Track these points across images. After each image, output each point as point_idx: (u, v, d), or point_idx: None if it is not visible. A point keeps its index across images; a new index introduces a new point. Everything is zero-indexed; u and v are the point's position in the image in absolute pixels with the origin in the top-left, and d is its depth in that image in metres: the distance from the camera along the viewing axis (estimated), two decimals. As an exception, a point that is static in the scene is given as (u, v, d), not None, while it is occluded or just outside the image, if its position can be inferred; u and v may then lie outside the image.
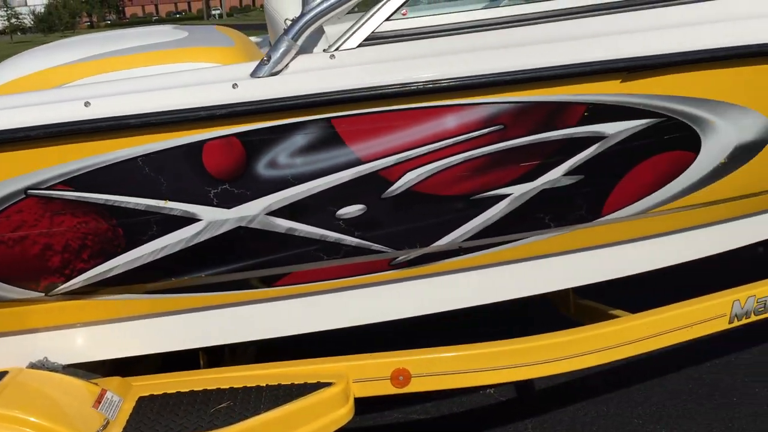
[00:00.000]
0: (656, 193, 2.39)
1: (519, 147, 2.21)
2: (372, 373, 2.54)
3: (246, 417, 2.26)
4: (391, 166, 2.16)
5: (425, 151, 2.17)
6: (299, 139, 2.09)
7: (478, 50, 2.16)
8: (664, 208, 2.43)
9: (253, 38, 3.25)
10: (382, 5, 2.18)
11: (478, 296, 2.50)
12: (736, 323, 2.88)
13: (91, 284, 2.19)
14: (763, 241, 3.12)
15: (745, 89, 2.28)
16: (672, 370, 3.45)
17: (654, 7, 2.25)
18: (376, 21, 2.18)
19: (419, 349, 2.57)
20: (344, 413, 2.40)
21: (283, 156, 2.10)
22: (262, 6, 3.76)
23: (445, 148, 2.17)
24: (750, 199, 2.56)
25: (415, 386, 2.57)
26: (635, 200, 2.39)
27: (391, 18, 2.19)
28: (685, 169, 2.36)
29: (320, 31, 2.24)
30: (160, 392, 2.40)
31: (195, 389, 2.41)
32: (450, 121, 2.15)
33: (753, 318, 2.91)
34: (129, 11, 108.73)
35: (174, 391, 2.41)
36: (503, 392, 3.34)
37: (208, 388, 2.41)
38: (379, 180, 2.17)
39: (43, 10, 72.49)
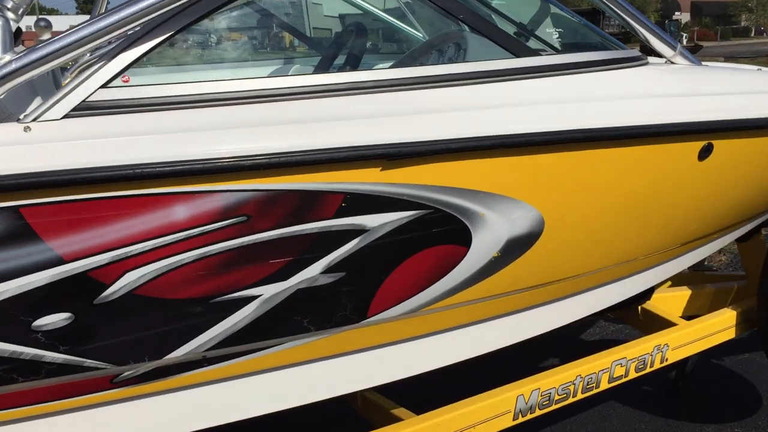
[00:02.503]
0: (428, 289, 2.14)
1: (267, 242, 1.87)
2: None
3: None
4: (105, 265, 1.74)
5: (149, 247, 1.77)
6: None
7: (214, 128, 1.81)
8: (439, 305, 2.18)
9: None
10: (97, 69, 1.78)
11: (230, 412, 2.11)
12: (520, 419, 2.70)
13: None
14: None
15: (513, 180, 2.10)
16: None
17: (421, 89, 2.02)
18: (88, 87, 1.77)
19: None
20: None
21: None
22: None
23: (174, 243, 1.79)
24: (533, 291, 2.38)
25: None
26: (406, 298, 2.12)
27: (108, 85, 1.79)
28: (457, 264, 2.13)
29: (30, 95, 1.81)
30: None
31: None
32: (179, 212, 1.77)
33: (537, 412, 2.75)
34: None
35: None
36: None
37: None
38: (90, 282, 1.74)
39: None
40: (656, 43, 2.53)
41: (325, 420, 3.06)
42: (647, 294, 3.39)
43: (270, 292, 1.92)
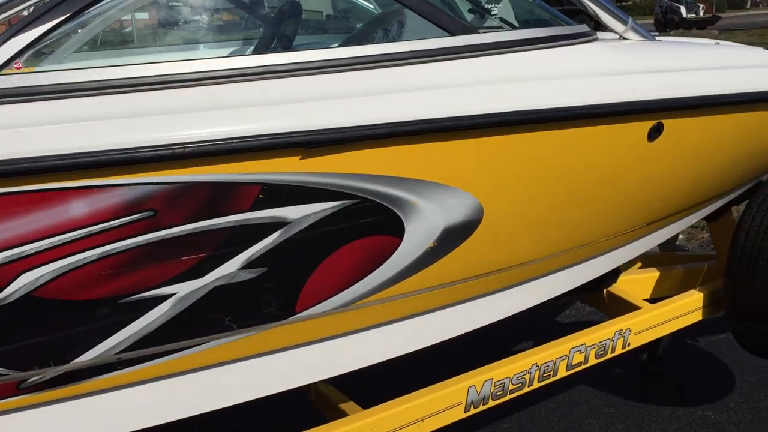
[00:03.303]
0: (360, 282, 2.02)
1: (178, 237, 1.75)
2: None
3: None
4: None
5: (45, 247, 1.65)
6: None
7: (115, 117, 1.68)
8: (374, 298, 2.07)
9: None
10: (-16, 54, 1.65)
11: (151, 415, 2.00)
12: (473, 411, 2.60)
13: None
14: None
15: (447, 166, 1.98)
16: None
17: (344, 71, 1.89)
18: (-25, 74, 1.64)
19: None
20: None
21: None
22: None
23: (74, 241, 1.67)
24: (482, 279, 2.26)
25: None
26: (336, 292, 2.01)
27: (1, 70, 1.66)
28: (390, 256, 2.02)
29: None
30: None
31: None
32: (77, 208, 1.65)
33: (491, 403, 2.66)
34: None
35: None
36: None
37: None
38: None
39: None
40: (606, 18, 2.40)
41: (280, 411, 2.96)
42: (613, 276, 3.29)
43: (185, 290, 1.81)
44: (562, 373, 2.84)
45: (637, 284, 3.44)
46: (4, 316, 1.67)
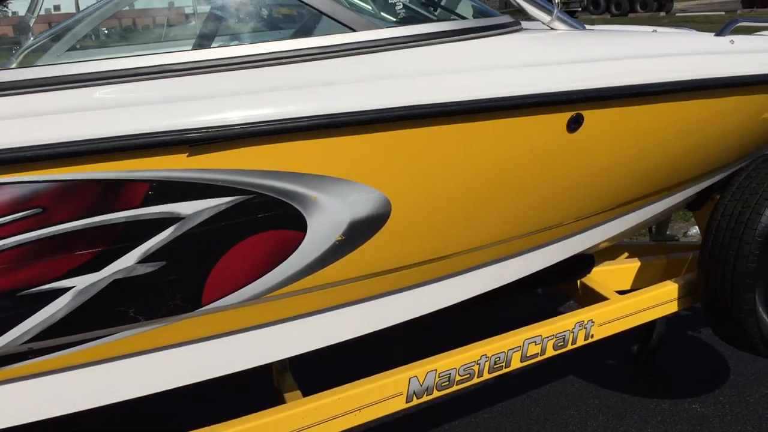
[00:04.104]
0: (268, 275, 2.06)
1: (70, 233, 1.82)
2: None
3: None
4: None
5: None
6: None
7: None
8: (286, 290, 2.10)
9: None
10: None
11: (72, 403, 2.08)
12: (415, 401, 2.61)
13: None
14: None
15: (345, 161, 1.98)
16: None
17: (227, 70, 1.92)
18: None
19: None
20: None
21: None
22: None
23: None
24: (401, 272, 2.27)
25: None
26: (242, 285, 2.04)
27: None
28: (295, 250, 2.04)
29: None
30: None
31: None
32: None
33: (436, 394, 2.66)
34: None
35: None
36: None
37: None
38: None
39: None
40: (531, 9, 2.35)
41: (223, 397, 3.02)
42: (587, 267, 3.24)
43: (83, 283, 1.87)
44: (516, 364, 2.82)
45: (613, 275, 3.38)
46: None
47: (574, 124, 2.16)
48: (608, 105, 2.20)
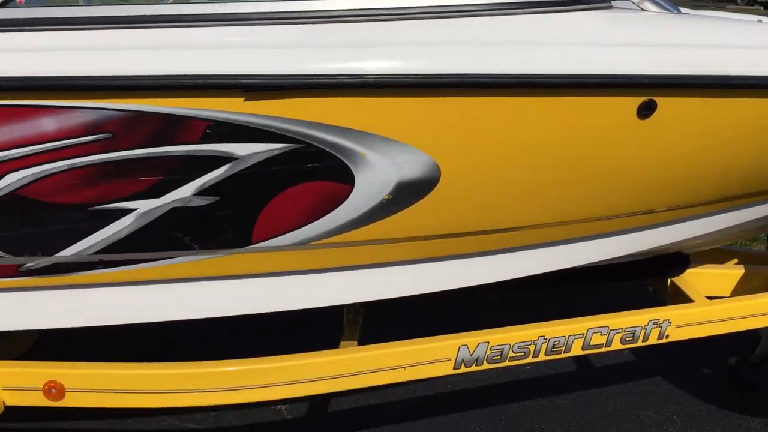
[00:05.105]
0: (315, 223, 2.16)
1: (134, 159, 2.00)
2: (22, 382, 2.39)
3: None
4: None
5: (25, 153, 1.98)
6: None
7: (83, 49, 1.95)
8: (329, 240, 2.19)
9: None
10: (-6, -10, 1.99)
11: (128, 313, 2.31)
12: (463, 369, 2.64)
13: None
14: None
15: (397, 121, 2.02)
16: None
17: (286, 23, 2.01)
18: (-15, 6, 1.99)
19: (76, 363, 2.41)
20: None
21: None
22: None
23: (47, 152, 1.98)
24: (444, 241, 2.29)
25: (71, 401, 2.41)
26: (289, 229, 2.16)
27: (5, 5, 2.00)
28: (342, 202, 2.12)
29: None
30: None
31: None
32: (49, 124, 1.96)
33: (485, 366, 2.67)
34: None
35: None
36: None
37: None
38: None
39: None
40: (622, -12, 2.24)
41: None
42: (680, 267, 3.09)
43: (145, 207, 2.06)
44: (577, 351, 2.76)
45: (710, 279, 3.20)
46: None
47: (646, 111, 2.07)
48: (685, 94, 2.08)
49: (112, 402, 2.43)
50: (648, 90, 2.04)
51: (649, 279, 3.10)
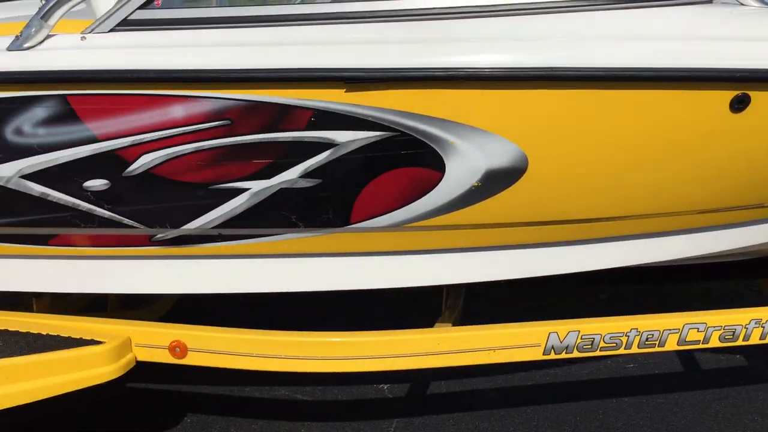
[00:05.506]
0: (407, 207, 2.33)
1: (248, 144, 2.25)
2: (151, 340, 2.70)
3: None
4: (128, 147, 2.29)
5: (158, 137, 2.27)
6: (40, 112, 2.27)
7: (207, 45, 2.22)
8: (421, 223, 2.36)
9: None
10: (136, -6, 2.30)
11: (240, 283, 2.57)
12: (553, 356, 2.72)
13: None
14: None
15: (486, 112, 2.15)
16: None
17: (383, 21, 2.19)
18: (129, 8, 2.29)
19: (199, 326, 2.70)
20: (109, 370, 2.58)
21: (27, 125, 2.29)
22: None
23: (175, 136, 2.26)
24: (532, 228, 2.40)
25: (192, 359, 2.70)
26: (384, 212, 2.34)
27: (145, 6, 2.30)
28: (434, 187, 2.28)
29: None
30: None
31: (-10, 327, 2.69)
32: (178, 111, 2.24)
33: (576, 354, 2.74)
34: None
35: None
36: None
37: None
38: (118, 159, 2.31)
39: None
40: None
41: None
42: None
43: (257, 187, 2.31)
44: (672, 346, 2.77)
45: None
46: (133, 184, 2.34)
47: (739, 104, 2.09)
48: None
49: (224, 362, 2.69)
50: (742, 84, 2.07)
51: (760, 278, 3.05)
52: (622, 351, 2.76)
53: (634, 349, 2.76)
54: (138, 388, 3.32)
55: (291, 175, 2.28)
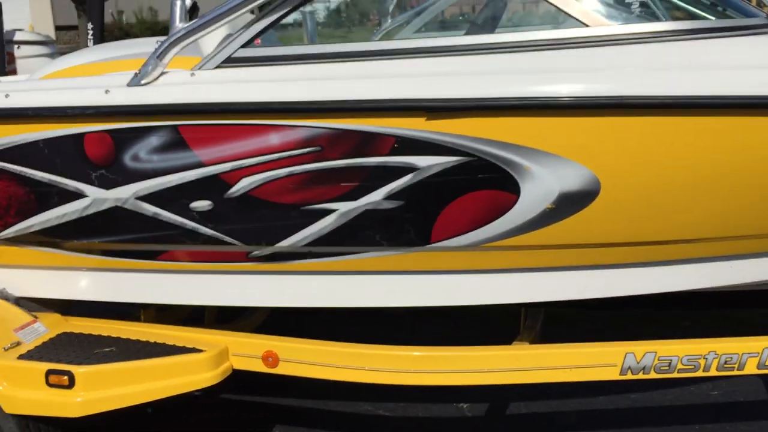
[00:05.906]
0: (485, 228, 2.47)
1: (337, 168, 2.46)
2: (246, 350, 2.92)
3: (112, 361, 2.77)
4: (229, 171, 2.53)
5: (256, 162, 2.51)
6: (154, 140, 2.55)
7: (301, 79, 2.45)
8: (497, 244, 2.49)
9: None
10: (239, 34, 2.55)
11: (327, 298, 2.76)
12: (630, 376, 2.77)
13: (20, 235, 2.85)
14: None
15: (558, 139, 2.28)
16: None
17: (462, 54, 2.37)
18: (233, 47, 2.55)
19: (290, 338, 2.90)
20: (208, 377, 2.81)
21: (142, 152, 2.57)
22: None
23: (271, 161, 2.49)
24: (604, 249, 2.50)
25: (283, 369, 2.90)
26: (462, 232, 2.49)
27: (247, 45, 2.55)
28: (510, 209, 2.42)
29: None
30: (81, 332, 3.00)
31: (105, 334, 2.97)
32: (274, 139, 2.47)
33: (653, 375, 2.78)
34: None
35: (91, 333, 2.99)
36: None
37: (113, 335, 2.96)
38: (220, 182, 2.55)
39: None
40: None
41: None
42: None
43: (344, 208, 2.51)
44: (752, 370, 2.77)
45: None
46: (234, 205, 2.58)
47: None
48: None
49: (312, 373, 2.87)
50: None
51: None
52: (700, 373, 2.78)
53: (713, 372, 2.78)
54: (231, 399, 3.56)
55: (375, 197, 2.47)
